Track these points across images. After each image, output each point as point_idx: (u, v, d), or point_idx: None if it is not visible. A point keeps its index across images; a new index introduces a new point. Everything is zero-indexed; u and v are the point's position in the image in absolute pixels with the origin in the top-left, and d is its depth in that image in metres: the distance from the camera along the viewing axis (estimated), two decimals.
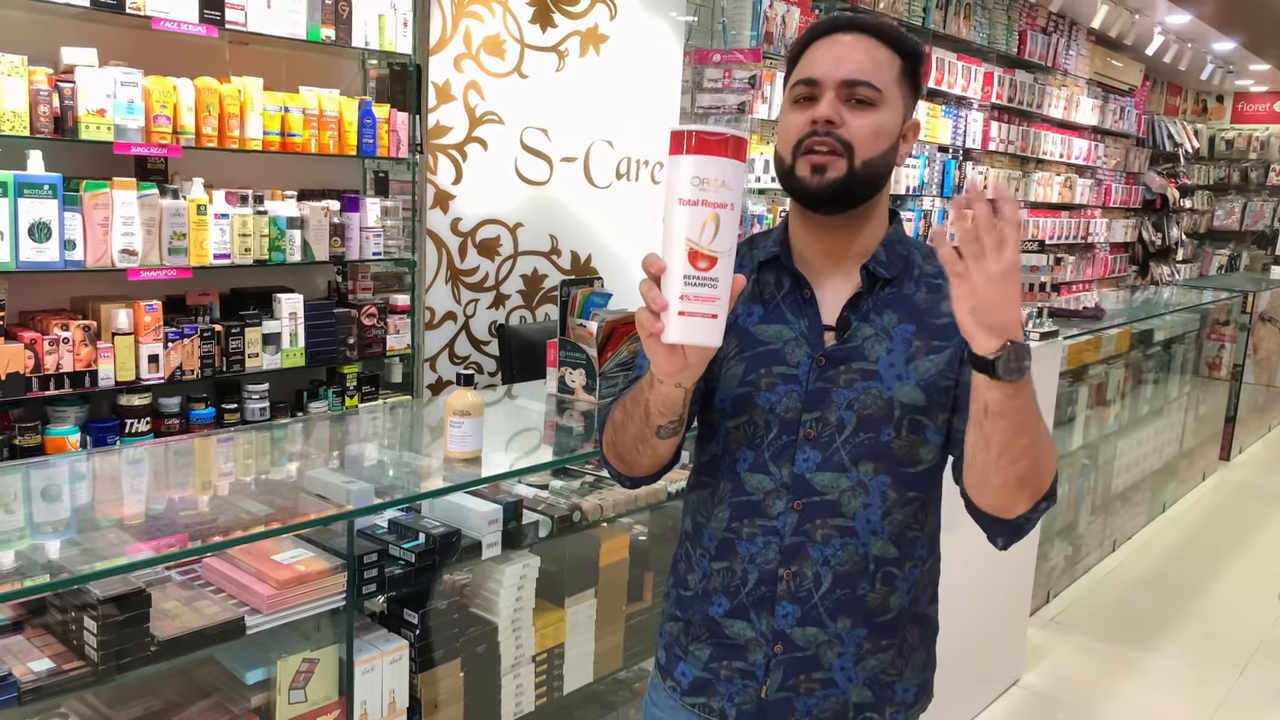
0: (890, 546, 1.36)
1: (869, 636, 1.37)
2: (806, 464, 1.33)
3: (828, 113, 1.29)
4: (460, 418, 1.95)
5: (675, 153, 1.10)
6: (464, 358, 3.99)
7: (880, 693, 1.39)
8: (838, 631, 1.36)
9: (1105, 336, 4.41)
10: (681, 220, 1.10)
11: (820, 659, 1.36)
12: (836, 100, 1.30)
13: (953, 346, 1.32)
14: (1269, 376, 7.51)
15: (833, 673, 1.37)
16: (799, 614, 1.35)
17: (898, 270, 1.36)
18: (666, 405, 1.24)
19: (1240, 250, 11.79)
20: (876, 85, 1.31)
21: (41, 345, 2.63)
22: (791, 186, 1.34)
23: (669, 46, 4.53)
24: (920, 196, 6.48)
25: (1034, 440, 1.19)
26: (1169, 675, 3.72)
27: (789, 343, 1.36)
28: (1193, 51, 8.59)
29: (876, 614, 1.37)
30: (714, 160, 1.08)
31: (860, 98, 1.30)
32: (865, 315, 1.35)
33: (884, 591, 1.37)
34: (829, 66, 1.31)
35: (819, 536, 1.34)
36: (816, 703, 1.37)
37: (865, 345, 1.33)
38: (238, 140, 2.98)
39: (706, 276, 1.11)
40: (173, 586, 1.76)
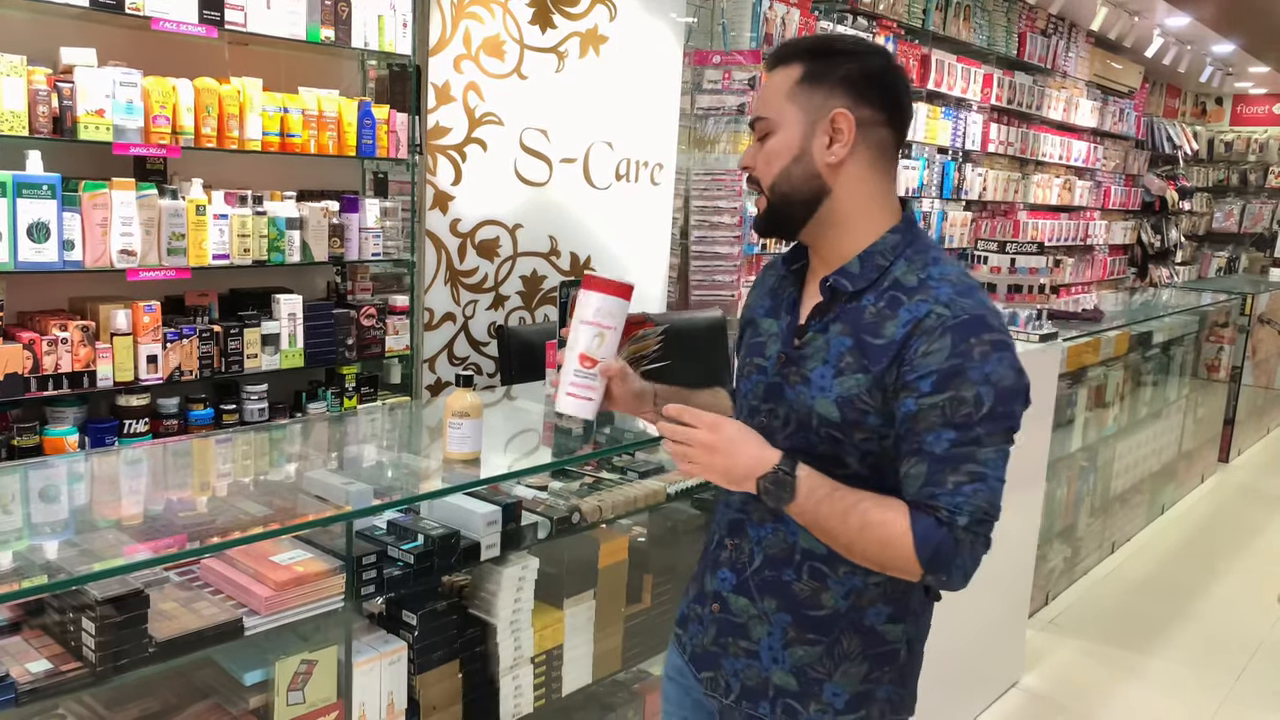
0: (817, 544, 1.40)
1: (794, 624, 1.44)
2: None
3: (743, 160, 1.45)
4: (459, 419, 1.94)
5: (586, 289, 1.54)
6: (463, 359, 3.99)
7: (806, 687, 1.44)
8: (764, 610, 1.46)
9: (1104, 339, 4.41)
10: (581, 335, 1.53)
11: (749, 631, 1.48)
12: (754, 142, 1.42)
13: (876, 371, 1.33)
14: (1268, 379, 7.51)
15: (759, 648, 1.47)
16: (734, 581, 1.49)
17: (865, 283, 1.37)
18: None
19: (1239, 252, 11.80)
20: (765, 115, 1.40)
21: (40, 346, 2.63)
22: None
23: (669, 48, 4.53)
24: (919, 198, 6.48)
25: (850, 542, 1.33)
26: (1168, 677, 3.72)
27: (771, 338, 1.48)
28: (1192, 54, 8.60)
29: (805, 606, 1.43)
30: (608, 298, 1.52)
31: (760, 134, 1.41)
32: (825, 325, 1.40)
33: (813, 586, 1.42)
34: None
35: (756, 517, 1.47)
36: (742, 668, 1.49)
37: (809, 352, 1.40)
38: (237, 141, 2.97)
39: (590, 373, 1.53)
40: (171, 587, 1.76)
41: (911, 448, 1.32)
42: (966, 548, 1.30)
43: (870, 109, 1.36)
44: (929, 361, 1.29)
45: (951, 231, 6.83)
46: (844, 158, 1.36)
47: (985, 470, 1.31)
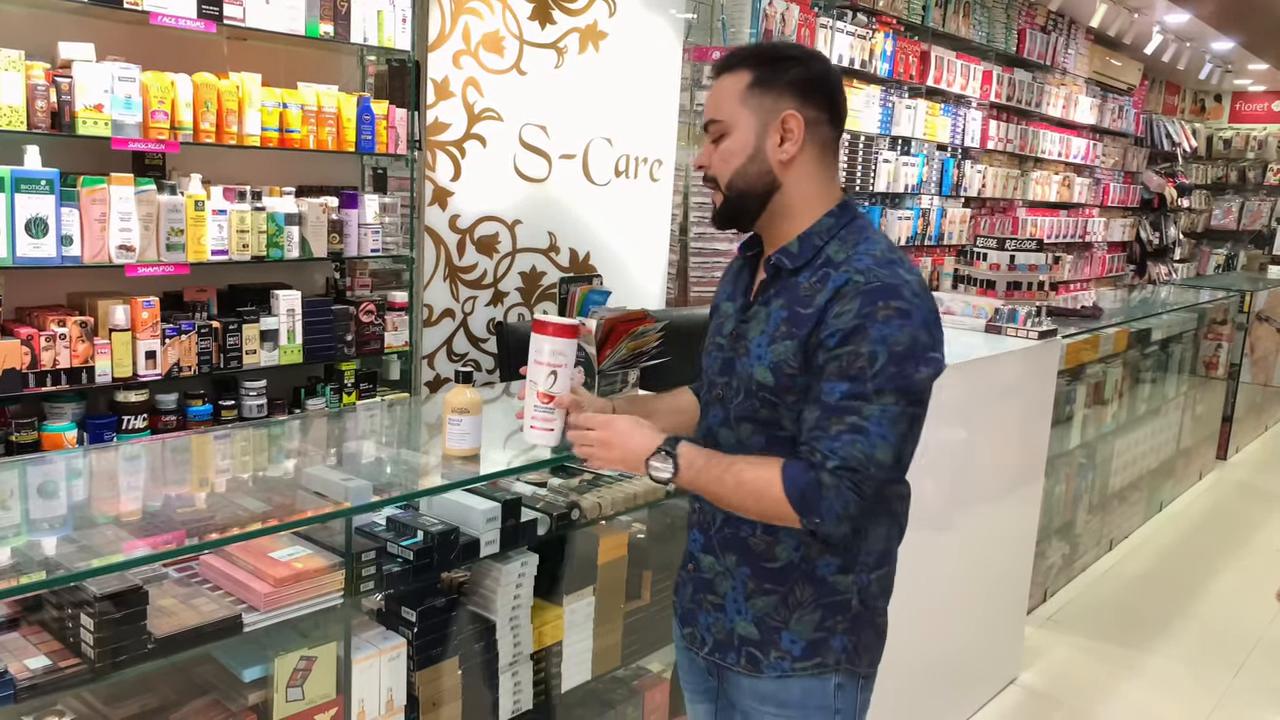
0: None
1: (753, 577, 1.57)
2: (714, 419, 1.62)
3: (699, 160, 1.58)
4: (459, 415, 1.94)
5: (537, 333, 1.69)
6: (462, 355, 3.98)
7: (766, 635, 1.57)
8: (728, 566, 1.60)
9: (1103, 336, 4.41)
10: (538, 374, 1.70)
11: (716, 586, 1.61)
12: (708, 143, 1.55)
13: (802, 335, 1.47)
14: (1266, 376, 7.52)
15: (725, 601, 1.60)
16: (702, 541, 1.64)
17: (803, 261, 1.52)
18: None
19: (1238, 250, 11.81)
20: (720, 118, 1.53)
21: (38, 341, 2.62)
22: None
23: (668, 43, 4.52)
24: (919, 195, 6.48)
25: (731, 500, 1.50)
26: (1166, 674, 3.73)
27: (728, 318, 1.63)
28: (1191, 51, 8.60)
29: (762, 559, 1.56)
30: (557, 340, 1.68)
31: (713, 135, 1.54)
32: (766, 300, 1.55)
33: (766, 540, 1.55)
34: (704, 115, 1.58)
35: None
36: (712, 621, 1.62)
37: (752, 326, 1.55)
38: (236, 136, 2.97)
39: (548, 407, 1.70)
40: (170, 584, 1.76)
41: (812, 396, 1.46)
42: (832, 490, 1.40)
43: (815, 109, 1.51)
44: (839, 321, 1.43)
45: (950, 228, 6.83)
46: (794, 154, 1.51)
47: (867, 424, 1.41)
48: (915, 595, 2.93)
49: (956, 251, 6.73)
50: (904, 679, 2.93)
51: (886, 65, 5.85)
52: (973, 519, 3.15)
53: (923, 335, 1.43)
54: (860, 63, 5.62)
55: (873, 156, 5.89)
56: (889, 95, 5.94)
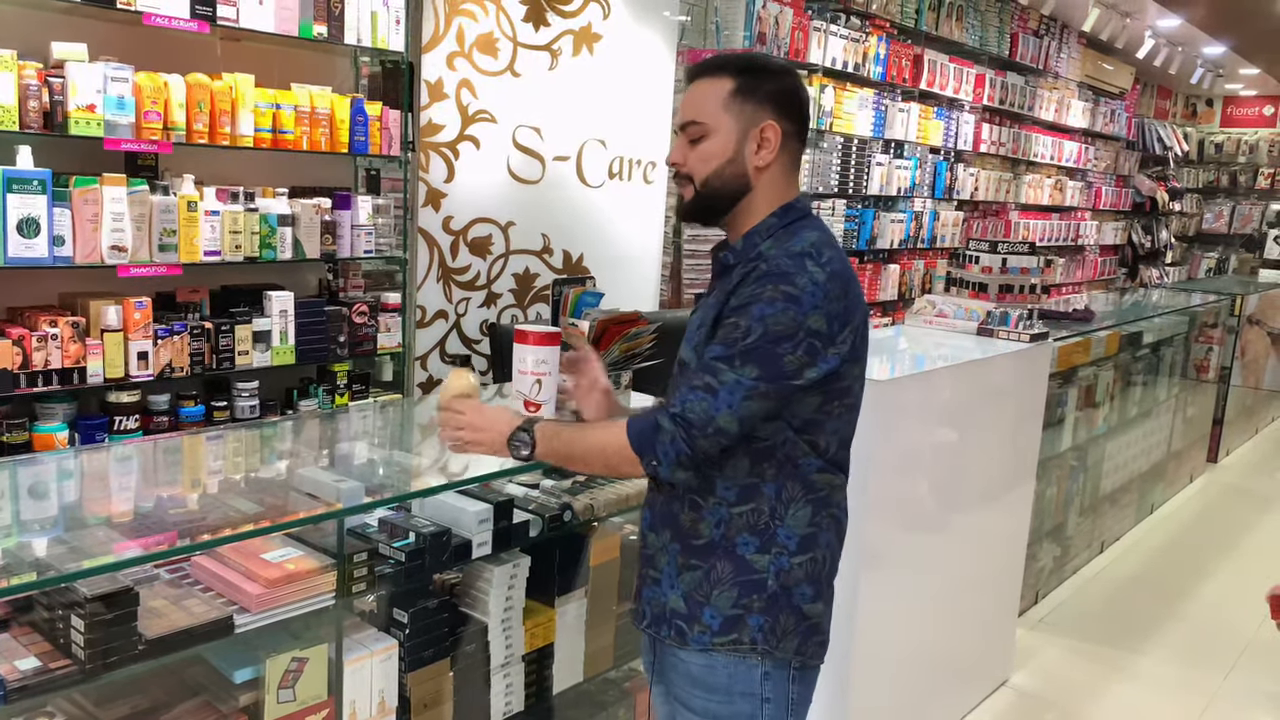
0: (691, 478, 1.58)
1: (682, 552, 1.64)
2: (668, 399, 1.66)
3: (673, 156, 1.64)
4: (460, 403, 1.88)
5: (519, 343, 1.78)
6: (455, 356, 3.98)
7: (690, 609, 1.63)
8: (663, 543, 1.66)
9: (1095, 339, 4.43)
10: (523, 383, 1.79)
11: (655, 561, 1.68)
12: (683, 142, 1.62)
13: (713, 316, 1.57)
14: (1256, 379, 7.55)
15: (661, 575, 1.67)
16: (649, 519, 1.71)
17: (743, 257, 1.60)
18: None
19: (1229, 253, 11.86)
20: (700, 120, 1.59)
21: (30, 342, 2.62)
22: None
23: (662, 46, 4.53)
24: (911, 198, 6.50)
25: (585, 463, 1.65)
26: (1156, 676, 3.74)
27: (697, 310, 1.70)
28: (1183, 55, 8.63)
29: (689, 536, 1.63)
30: (542, 349, 1.77)
31: (691, 136, 1.60)
32: (709, 293, 1.66)
33: (692, 517, 1.62)
34: (679, 115, 1.64)
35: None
36: (652, 596, 1.69)
37: (694, 317, 1.67)
38: (229, 137, 2.96)
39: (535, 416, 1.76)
40: (161, 585, 1.76)
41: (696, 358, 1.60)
42: (666, 435, 1.51)
43: (789, 122, 1.61)
44: (738, 297, 1.54)
45: (943, 231, 6.84)
46: (769, 162, 1.60)
47: (719, 387, 1.50)
48: (907, 597, 2.95)
49: (949, 254, 6.76)
50: (895, 680, 2.94)
51: (879, 69, 5.87)
52: (964, 521, 3.15)
53: (811, 323, 1.50)
54: (853, 66, 5.63)
55: (866, 159, 5.90)
56: (882, 98, 5.96)
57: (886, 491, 2.70)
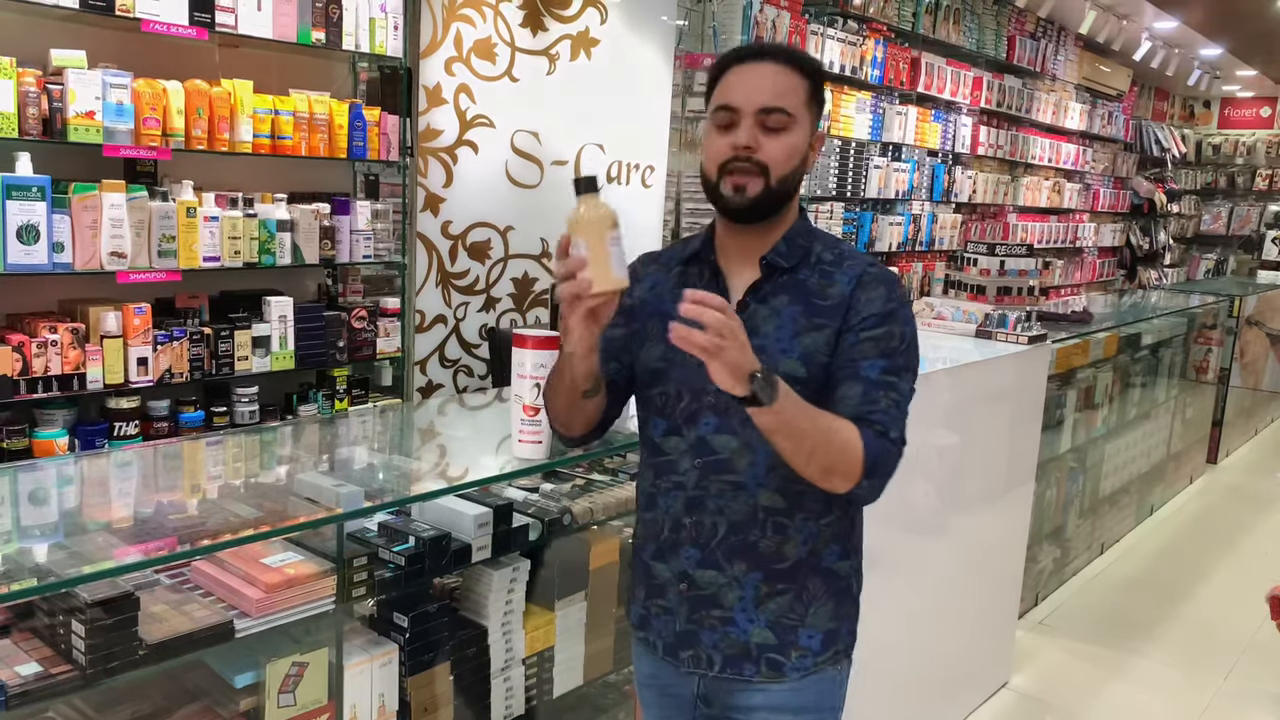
0: (777, 498, 1.53)
1: (765, 580, 1.55)
2: (707, 428, 1.54)
3: (746, 140, 1.48)
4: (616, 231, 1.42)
5: (518, 347, 1.84)
6: (454, 361, 3.98)
7: (783, 636, 1.56)
8: (735, 575, 1.55)
9: (1093, 340, 4.43)
10: (522, 388, 1.84)
11: (720, 599, 1.56)
12: (754, 126, 1.48)
13: (833, 326, 1.51)
14: (1255, 380, 7.55)
15: (733, 613, 1.56)
16: (699, 557, 1.57)
17: (796, 259, 1.55)
18: (587, 374, 1.50)
19: (1227, 255, 11.86)
20: (789, 110, 1.49)
21: (29, 348, 2.62)
22: (716, 201, 1.55)
23: (659, 50, 4.54)
24: (909, 201, 6.50)
25: (818, 442, 1.43)
26: (1156, 677, 3.74)
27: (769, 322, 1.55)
28: (1180, 57, 8.65)
29: (771, 560, 1.54)
30: (540, 352, 1.82)
31: (773, 124, 1.49)
32: (763, 299, 1.55)
33: (776, 540, 1.54)
34: (746, 94, 1.49)
35: (715, 489, 1.55)
36: (720, 638, 1.57)
37: (757, 324, 1.52)
38: (228, 143, 2.97)
39: (534, 419, 1.86)
40: (161, 590, 1.76)
41: (847, 374, 1.50)
42: (894, 458, 1.48)
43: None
44: (871, 305, 1.51)
45: (941, 234, 6.85)
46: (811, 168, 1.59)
47: (902, 399, 1.50)
48: (907, 599, 2.95)
49: (947, 257, 6.76)
50: (896, 682, 2.94)
51: (877, 72, 5.88)
52: (964, 523, 3.16)
53: None
54: (851, 69, 5.64)
55: (864, 162, 5.91)
56: (880, 102, 5.97)
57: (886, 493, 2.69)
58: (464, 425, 2.61)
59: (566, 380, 1.53)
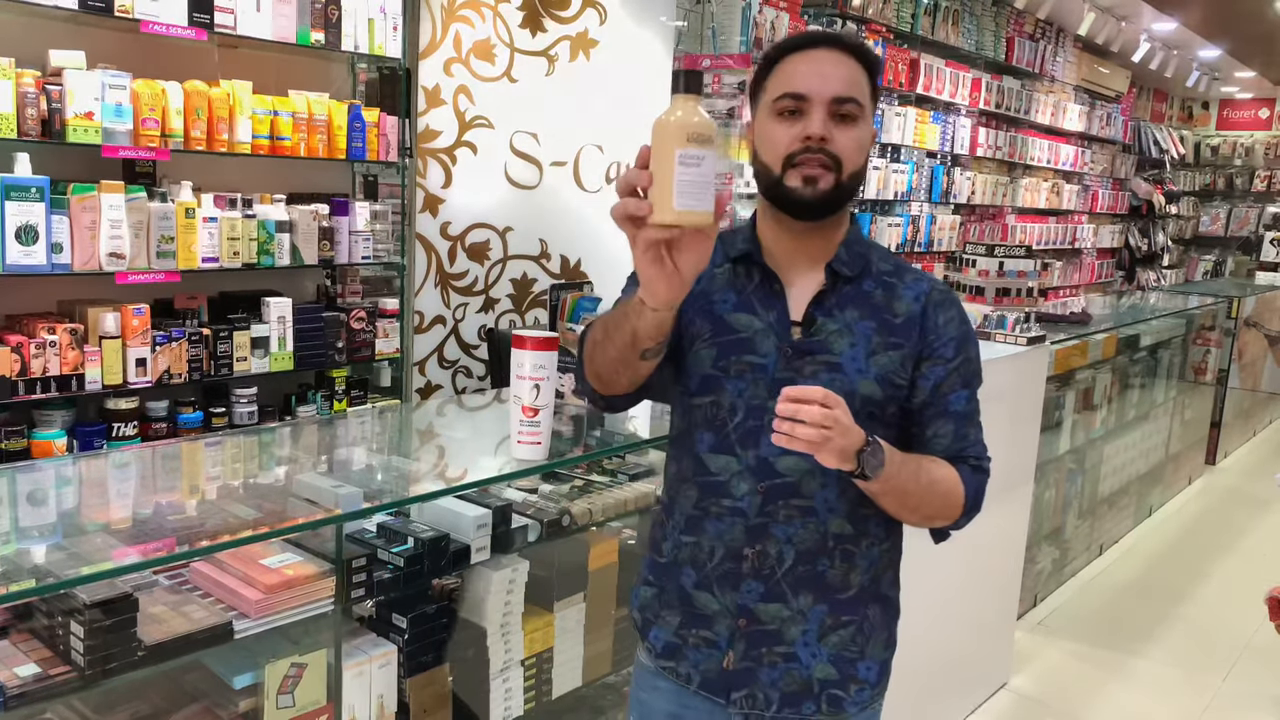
0: (846, 524, 1.44)
1: (830, 613, 1.46)
2: (771, 448, 1.39)
3: (821, 131, 1.37)
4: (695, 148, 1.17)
5: (517, 348, 1.84)
6: (453, 362, 3.98)
7: (844, 670, 1.48)
8: (800, 608, 1.45)
9: (1092, 341, 4.43)
10: (521, 389, 1.85)
11: (783, 634, 1.45)
12: (826, 116, 1.38)
13: (908, 346, 1.44)
14: (1254, 381, 7.56)
15: (795, 648, 1.46)
16: (762, 590, 1.44)
17: (858, 269, 1.46)
18: (657, 329, 1.30)
19: (1225, 256, 11.87)
20: (860, 101, 1.40)
21: (28, 349, 2.62)
22: (779, 196, 1.41)
23: (658, 51, 4.54)
24: (908, 202, 6.51)
25: (923, 497, 1.41)
26: (1155, 679, 3.74)
27: (758, 333, 1.44)
28: (1179, 58, 8.66)
29: (837, 590, 1.46)
30: (538, 353, 1.85)
31: (845, 114, 1.39)
32: (829, 311, 1.44)
33: (844, 568, 1.46)
34: (818, 83, 1.38)
35: (782, 516, 1.43)
36: (780, 676, 1.46)
37: (830, 339, 1.43)
38: (226, 144, 2.97)
39: (534, 420, 1.87)
40: (160, 591, 1.76)
41: (937, 411, 1.45)
42: (986, 485, 1.47)
43: None
44: (949, 329, 1.45)
45: (940, 235, 6.85)
46: None
47: (980, 421, 1.50)
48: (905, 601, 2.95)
49: (946, 258, 6.76)
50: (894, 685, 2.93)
51: None
52: None
53: None
54: None
55: None
56: (878, 103, 5.96)
57: None
58: (463, 426, 2.61)
59: (627, 332, 1.31)
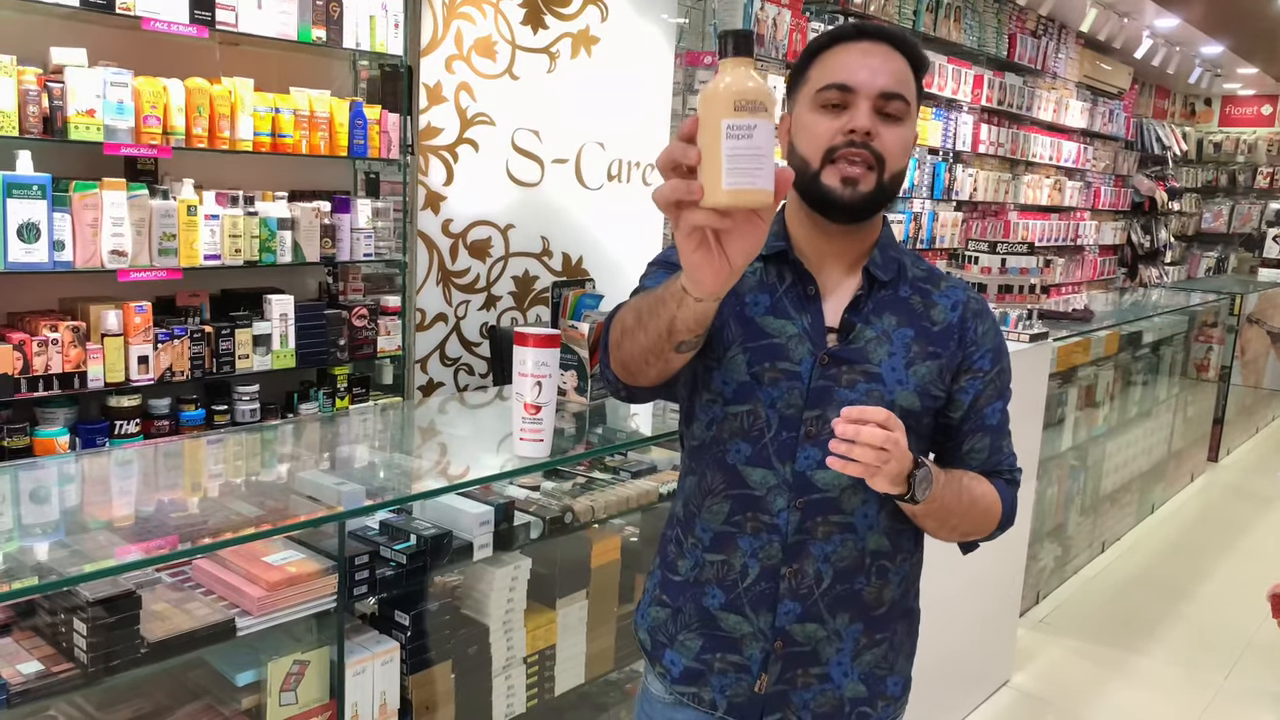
0: (884, 540, 1.39)
1: (865, 631, 1.41)
2: (808, 462, 1.34)
3: (867, 124, 1.29)
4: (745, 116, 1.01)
5: (519, 345, 1.85)
6: (455, 359, 3.98)
7: (873, 687, 1.43)
8: (836, 628, 1.39)
9: (1094, 338, 4.43)
10: (523, 386, 1.87)
11: (819, 654, 1.39)
12: (872, 112, 1.30)
13: (946, 356, 1.39)
14: (1256, 378, 7.55)
15: (829, 668, 1.40)
16: (800, 610, 1.37)
17: (893, 273, 1.39)
18: (698, 320, 1.17)
19: (1228, 253, 11.85)
20: (907, 99, 1.32)
21: (30, 346, 2.62)
22: (815, 193, 1.32)
23: (660, 48, 4.53)
24: (910, 199, 6.50)
25: (963, 516, 1.38)
26: (1157, 676, 3.74)
27: (792, 339, 1.35)
28: (1181, 55, 8.64)
29: (872, 608, 1.40)
30: (540, 350, 1.86)
31: (892, 111, 1.31)
32: (865, 317, 1.37)
33: (879, 585, 1.40)
34: (865, 75, 1.30)
35: (820, 533, 1.36)
36: (813, 697, 1.40)
37: (868, 348, 1.35)
38: (228, 141, 2.97)
39: (537, 418, 1.89)
40: (163, 588, 1.76)
41: (974, 425, 1.42)
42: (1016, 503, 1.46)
43: None
44: (986, 341, 1.41)
45: (942, 232, 6.85)
46: None
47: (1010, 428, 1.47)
48: None
49: (948, 255, 6.76)
50: None
51: None
52: None
53: None
54: None
55: None
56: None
57: None
58: (465, 423, 2.61)
59: (664, 320, 1.19)
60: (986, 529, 1.43)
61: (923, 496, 1.27)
